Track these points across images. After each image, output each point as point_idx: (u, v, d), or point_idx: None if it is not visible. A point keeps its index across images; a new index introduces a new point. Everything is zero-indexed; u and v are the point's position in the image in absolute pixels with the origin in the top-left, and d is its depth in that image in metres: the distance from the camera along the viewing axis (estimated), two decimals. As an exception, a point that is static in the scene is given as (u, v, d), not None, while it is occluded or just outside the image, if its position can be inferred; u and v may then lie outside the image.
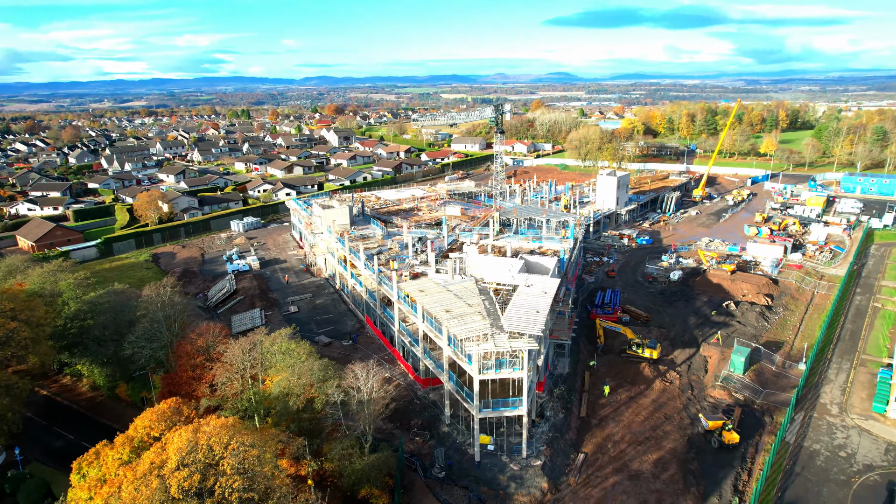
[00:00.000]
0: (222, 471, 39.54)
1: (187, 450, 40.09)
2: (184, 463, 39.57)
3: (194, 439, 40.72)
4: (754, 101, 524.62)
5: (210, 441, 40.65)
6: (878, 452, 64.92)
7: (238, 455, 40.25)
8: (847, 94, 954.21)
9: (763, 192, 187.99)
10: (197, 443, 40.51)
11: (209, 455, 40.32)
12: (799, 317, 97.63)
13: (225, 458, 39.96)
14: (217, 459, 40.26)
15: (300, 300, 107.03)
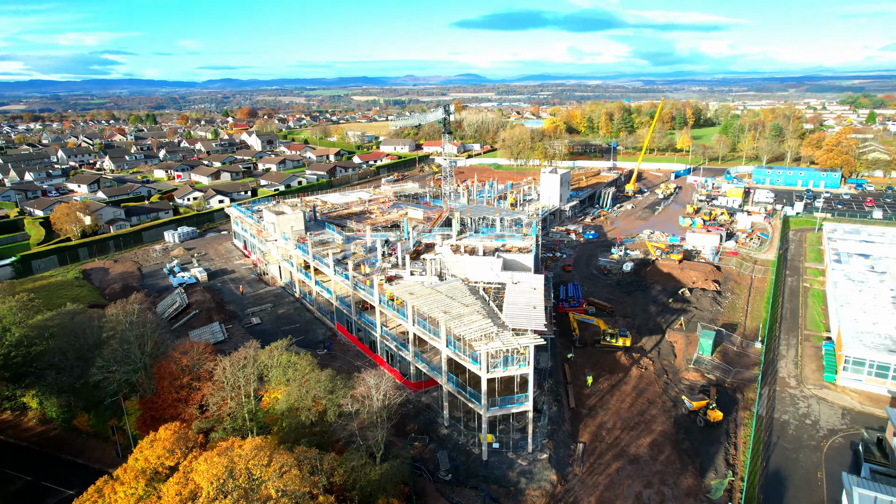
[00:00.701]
0: (267, 495, 37.25)
1: (225, 476, 37.43)
2: (223, 491, 36.91)
3: (230, 464, 38.08)
4: (652, 101, 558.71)
5: (248, 464, 38.17)
6: (836, 417, 71.24)
7: (281, 476, 38.08)
8: (731, 94, 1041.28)
9: (686, 186, 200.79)
10: (234, 467, 37.90)
11: (249, 480, 37.87)
12: (745, 299, 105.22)
13: (267, 482, 37.68)
14: (258, 483, 37.89)
15: (261, 311, 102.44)
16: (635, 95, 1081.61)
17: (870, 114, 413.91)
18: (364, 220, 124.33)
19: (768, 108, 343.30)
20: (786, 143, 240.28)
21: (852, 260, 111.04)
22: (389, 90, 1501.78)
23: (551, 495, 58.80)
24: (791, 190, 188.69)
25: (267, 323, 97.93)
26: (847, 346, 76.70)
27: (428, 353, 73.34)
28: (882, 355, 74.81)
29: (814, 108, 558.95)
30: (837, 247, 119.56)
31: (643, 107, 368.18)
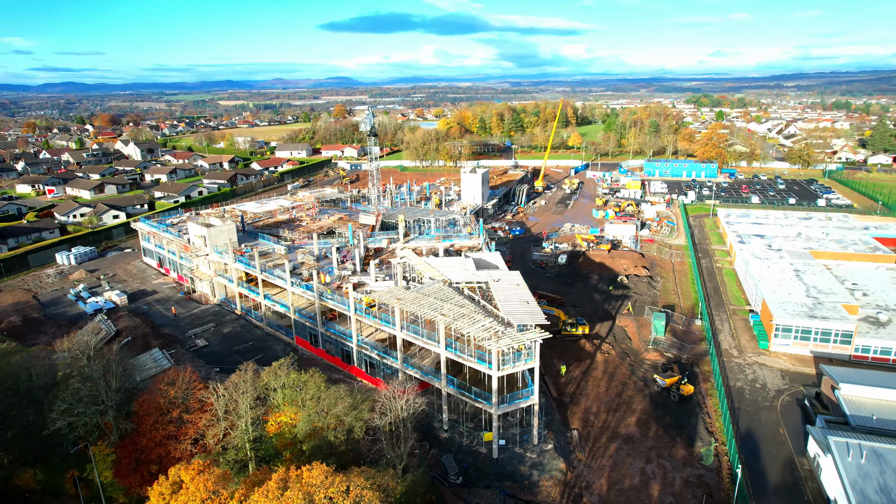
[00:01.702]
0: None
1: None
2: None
3: (307, 497, 35.37)
4: (521, 102, 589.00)
5: (329, 492, 35.64)
6: (778, 379, 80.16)
7: (362, 502, 36.03)
8: (592, 94, 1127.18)
9: (587, 181, 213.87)
10: (312, 499, 35.25)
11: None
12: (673, 282, 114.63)
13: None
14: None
15: (203, 332, 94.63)
16: (505, 96, 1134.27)
17: (718, 112, 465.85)
18: (296, 229, 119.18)
19: (642, 107, 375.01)
20: (664, 138, 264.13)
21: (752, 240, 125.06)
22: (258, 94, 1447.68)
23: (564, 483, 60.60)
24: (679, 180, 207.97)
25: (215, 344, 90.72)
26: (776, 315, 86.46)
27: (415, 358, 72.28)
28: (804, 321, 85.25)
29: (670, 106, 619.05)
30: (736, 230, 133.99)
31: (528, 107, 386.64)
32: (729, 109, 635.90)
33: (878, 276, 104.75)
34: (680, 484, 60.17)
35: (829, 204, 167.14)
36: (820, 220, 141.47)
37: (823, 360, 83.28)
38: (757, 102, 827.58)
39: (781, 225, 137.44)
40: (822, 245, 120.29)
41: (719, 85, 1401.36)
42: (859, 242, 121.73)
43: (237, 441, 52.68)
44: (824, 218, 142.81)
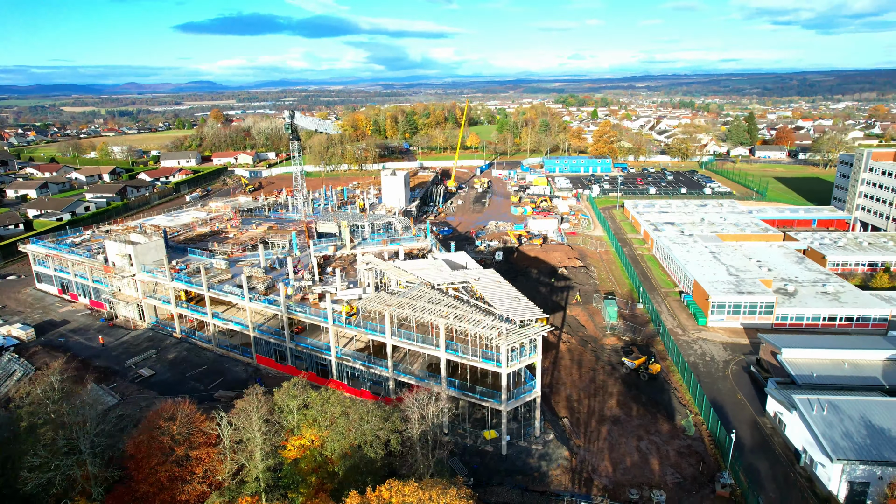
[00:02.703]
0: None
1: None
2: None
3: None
4: (395, 104, 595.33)
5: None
6: (721, 350, 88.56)
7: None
8: (463, 96, 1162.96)
9: (494, 179, 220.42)
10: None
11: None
12: (605, 270, 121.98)
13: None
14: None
15: (144, 360, 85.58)
16: (378, 99, 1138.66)
17: (593, 111, 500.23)
18: (224, 241, 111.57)
19: (528, 107, 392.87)
20: (555, 136, 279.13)
21: (666, 228, 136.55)
22: (110, 99, 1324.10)
23: (571, 469, 62.70)
24: (578, 176, 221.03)
25: (163, 372, 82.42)
26: (712, 294, 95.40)
27: (402, 364, 70.88)
28: (733, 297, 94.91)
29: (538, 105, 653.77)
30: (648, 219, 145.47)
31: (417, 108, 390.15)
32: (592, 108, 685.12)
33: (774, 253, 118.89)
34: (674, 455, 64.63)
35: (713, 192, 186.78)
36: (714, 206, 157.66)
37: (752, 331, 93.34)
38: (617, 101, 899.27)
39: (684, 212, 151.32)
40: (723, 229, 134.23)
41: (580, 86, 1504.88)
42: (752, 224, 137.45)
43: (254, 473, 48.76)
44: (717, 204, 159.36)
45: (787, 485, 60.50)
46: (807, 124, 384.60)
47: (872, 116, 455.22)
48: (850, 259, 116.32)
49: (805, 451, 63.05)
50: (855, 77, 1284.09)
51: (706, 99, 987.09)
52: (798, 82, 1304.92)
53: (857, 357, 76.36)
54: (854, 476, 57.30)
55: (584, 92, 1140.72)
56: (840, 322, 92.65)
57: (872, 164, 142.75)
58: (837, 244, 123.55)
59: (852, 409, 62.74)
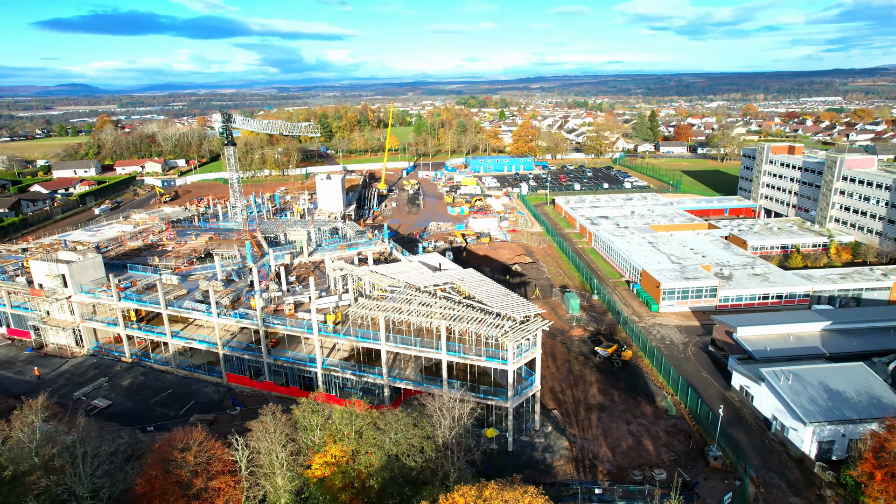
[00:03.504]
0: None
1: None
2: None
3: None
4: (293, 107, 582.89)
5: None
6: (677, 334, 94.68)
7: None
8: (362, 98, 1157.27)
9: (422, 180, 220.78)
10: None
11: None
12: (553, 265, 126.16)
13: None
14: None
15: (96, 390, 77.78)
16: (275, 102, 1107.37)
17: (500, 112, 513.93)
18: (165, 255, 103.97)
19: (442, 108, 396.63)
20: (473, 137, 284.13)
21: (602, 222, 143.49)
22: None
23: (573, 459, 64.62)
24: (504, 174, 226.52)
25: (122, 402, 75.36)
26: (663, 281, 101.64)
27: (395, 370, 69.66)
28: (681, 283, 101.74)
29: (441, 107, 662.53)
30: (583, 214, 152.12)
31: (328, 111, 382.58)
32: (493, 109, 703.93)
33: (703, 241, 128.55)
34: (664, 435, 68.38)
35: (633, 186, 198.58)
36: (639, 199, 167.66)
37: (699, 314, 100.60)
38: (516, 102, 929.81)
39: (613, 206, 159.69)
40: (654, 220, 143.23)
41: (477, 87, 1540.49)
42: (678, 215, 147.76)
43: (280, 497, 46.20)
44: (641, 198, 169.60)
45: (764, 450, 65.85)
46: (696, 121, 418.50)
47: (746, 114, 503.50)
48: (766, 243, 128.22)
49: (775, 419, 68.95)
50: (722, 79, 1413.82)
51: (597, 98, 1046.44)
52: (676, 83, 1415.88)
53: (799, 330, 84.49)
54: (822, 436, 63.54)
55: (482, 93, 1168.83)
56: (772, 300, 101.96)
57: (772, 157, 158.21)
58: (753, 230, 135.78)
59: (812, 377, 69.40)
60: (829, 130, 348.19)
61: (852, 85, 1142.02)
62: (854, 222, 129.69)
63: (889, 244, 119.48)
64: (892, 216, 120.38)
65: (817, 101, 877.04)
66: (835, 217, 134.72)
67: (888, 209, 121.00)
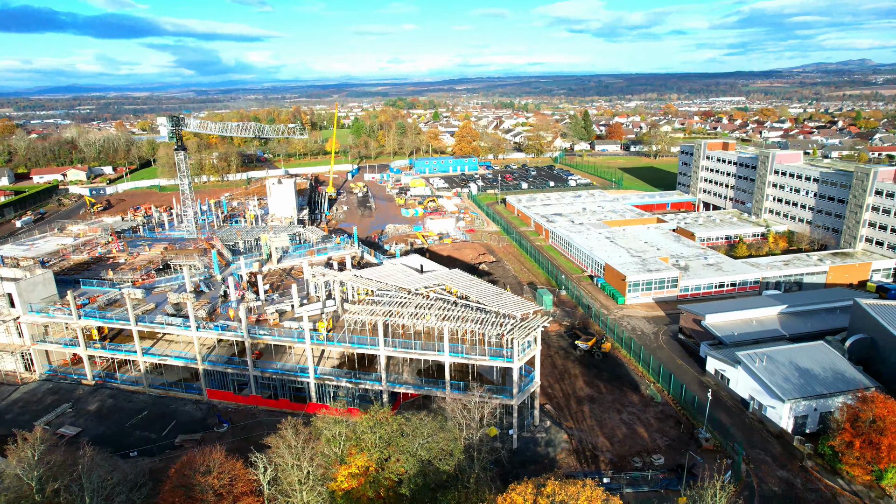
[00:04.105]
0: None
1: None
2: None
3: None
4: (213, 111, 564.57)
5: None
6: (646, 324, 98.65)
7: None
8: (287, 101, 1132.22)
9: (368, 183, 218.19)
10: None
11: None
12: (516, 263, 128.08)
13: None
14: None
15: (60, 418, 71.76)
16: (193, 106, 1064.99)
17: (434, 113, 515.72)
18: (119, 268, 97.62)
19: (379, 110, 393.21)
20: (413, 138, 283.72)
21: (557, 219, 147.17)
22: None
23: (574, 450, 66.05)
24: (450, 175, 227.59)
25: (93, 427, 69.87)
26: (628, 274, 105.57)
27: (391, 374, 68.61)
28: (645, 275, 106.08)
29: (370, 109, 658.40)
30: (538, 211, 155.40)
31: (260, 114, 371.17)
32: (423, 110, 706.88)
33: (654, 234, 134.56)
34: (655, 421, 71.11)
35: (577, 184, 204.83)
36: (587, 196, 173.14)
37: (662, 304, 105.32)
38: (444, 104, 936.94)
39: (564, 204, 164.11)
40: (606, 216, 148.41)
41: (403, 89, 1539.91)
42: (628, 210, 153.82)
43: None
44: (589, 195, 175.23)
45: (745, 428, 69.82)
46: (623, 120, 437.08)
47: (667, 113, 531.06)
48: (712, 234, 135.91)
49: (752, 399, 73.27)
50: (639, 80, 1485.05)
51: (521, 99, 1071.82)
52: (595, 84, 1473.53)
53: (759, 315, 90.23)
54: (798, 412, 68.19)
55: (408, 95, 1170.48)
56: (727, 288, 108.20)
57: (709, 153, 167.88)
58: (698, 223, 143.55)
59: (782, 357, 74.23)
60: (744, 128, 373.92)
61: (753, 86, 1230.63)
62: (786, 212, 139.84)
63: (819, 232, 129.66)
64: (820, 206, 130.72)
65: (724, 101, 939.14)
66: (769, 208, 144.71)
67: (816, 200, 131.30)
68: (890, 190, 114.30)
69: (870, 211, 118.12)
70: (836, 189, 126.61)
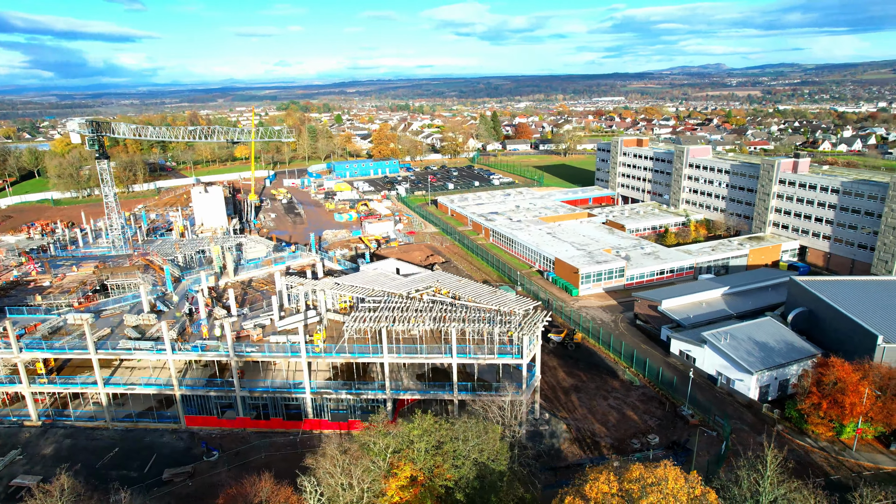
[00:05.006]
0: None
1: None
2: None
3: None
4: (83, 116, 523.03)
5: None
6: (603, 313, 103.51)
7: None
8: (167, 106, 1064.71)
9: (289, 188, 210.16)
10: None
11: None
12: (464, 262, 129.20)
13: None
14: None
15: (9, 468, 62.86)
16: (57, 111, 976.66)
17: (337, 116, 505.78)
18: (48, 291, 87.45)
19: (284, 114, 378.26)
20: (327, 143, 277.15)
21: (495, 217, 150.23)
22: None
23: (574, 439, 68.21)
24: (372, 178, 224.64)
25: (56, 473, 61.83)
26: (581, 267, 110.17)
27: (397, 381, 67.09)
28: (596, 267, 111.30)
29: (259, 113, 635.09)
30: (474, 211, 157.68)
31: (153, 119, 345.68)
32: (318, 114, 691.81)
33: (589, 228, 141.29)
34: (640, 404, 75.02)
35: (501, 183, 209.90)
36: (516, 194, 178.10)
37: (611, 293, 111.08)
38: (338, 107, 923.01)
39: (496, 203, 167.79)
40: (540, 213, 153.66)
41: (292, 92, 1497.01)
42: (559, 206, 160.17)
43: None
44: (517, 193, 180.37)
45: (718, 402, 75.50)
46: (523, 120, 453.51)
47: (560, 113, 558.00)
48: (640, 225, 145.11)
49: (720, 374, 79.40)
50: (526, 81, 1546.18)
51: (415, 101, 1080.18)
52: (485, 86, 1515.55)
53: (705, 297, 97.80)
54: (762, 382, 74.92)
55: (298, 98, 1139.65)
56: (667, 275, 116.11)
57: (626, 150, 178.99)
58: (625, 215, 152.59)
59: (741, 334, 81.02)
60: (635, 125, 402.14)
61: (630, 87, 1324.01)
62: (702, 202, 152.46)
63: (733, 219, 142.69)
64: (732, 196, 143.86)
65: (606, 101, 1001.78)
66: (685, 199, 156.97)
67: (729, 190, 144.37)
68: (791, 179, 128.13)
69: (775, 198, 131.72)
70: (745, 179, 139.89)
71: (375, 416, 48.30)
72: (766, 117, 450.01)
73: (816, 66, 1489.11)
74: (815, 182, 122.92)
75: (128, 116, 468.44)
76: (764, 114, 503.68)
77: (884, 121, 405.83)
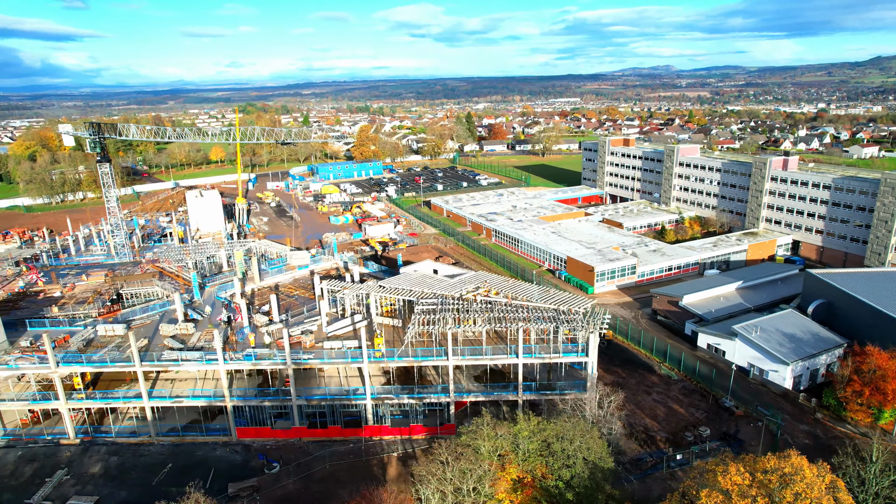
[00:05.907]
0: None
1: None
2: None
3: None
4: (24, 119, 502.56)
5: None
6: (621, 310, 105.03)
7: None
8: (115, 108, 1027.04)
9: (275, 192, 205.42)
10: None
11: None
12: (472, 263, 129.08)
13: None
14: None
15: (58, 490, 59.20)
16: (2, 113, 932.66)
17: (305, 118, 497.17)
18: (61, 302, 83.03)
19: (253, 116, 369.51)
20: (305, 144, 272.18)
21: (496, 218, 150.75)
22: None
23: (629, 435, 69.13)
24: (356, 180, 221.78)
25: (113, 494, 58.53)
26: (596, 266, 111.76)
27: (459, 382, 66.48)
28: (609, 265, 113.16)
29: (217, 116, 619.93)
30: (472, 212, 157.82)
31: (116, 121, 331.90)
32: (277, 115, 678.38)
33: (588, 226, 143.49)
34: (683, 398, 76.65)
35: (488, 184, 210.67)
36: (509, 195, 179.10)
37: (625, 290, 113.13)
38: (297, 108, 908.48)
39: (492, 203, 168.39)
40: (538, 213, 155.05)
41: (245, 94, 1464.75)
42: (555, 206, 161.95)
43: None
44: (510, 193, 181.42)
45: (752, 393, 77.80)
46: (490, 121, 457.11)
47: (525, 114, 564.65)
48: (637, 223, 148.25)
49: (752, 366, 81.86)
50: (482, 83, 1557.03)
51: (373, 103, 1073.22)
52: (442, 87, 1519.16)
53: (721, 292, 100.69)
54: (796, 372, 77.68)
55: (252, 100, 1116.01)
56: (674, 271, 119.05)
57: (613, 149, 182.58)
58: (620, 214, 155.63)
59: (769, 326, 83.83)
60: (603, 126, 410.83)
61: (584, 88, 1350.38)
62: (693, 200, 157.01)
63: (725, 216, 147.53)
64: (724, 193, 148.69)
65: (563, 101, 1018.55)
66: (676, 197, 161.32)
67: (720, 187, 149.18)
68: (783, 176, 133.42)
69: (767, 195, 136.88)
70: (736, 177, 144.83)
71: (479, 420, 47.62)
72: (724, 117, 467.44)
73: (759, 68, 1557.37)
74: (808, 179, 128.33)
75: (72, 119, 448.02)
76: (720, 114, 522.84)
77: (829, 121, 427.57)
